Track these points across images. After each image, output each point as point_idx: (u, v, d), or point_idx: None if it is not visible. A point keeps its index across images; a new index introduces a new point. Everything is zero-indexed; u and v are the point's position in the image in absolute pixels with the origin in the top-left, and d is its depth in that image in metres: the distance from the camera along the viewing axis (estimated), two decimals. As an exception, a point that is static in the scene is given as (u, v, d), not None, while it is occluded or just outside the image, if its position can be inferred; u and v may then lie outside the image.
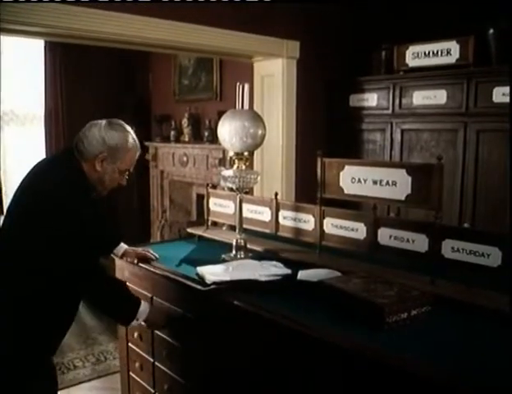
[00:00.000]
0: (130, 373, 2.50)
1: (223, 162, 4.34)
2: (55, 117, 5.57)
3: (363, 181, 1.92)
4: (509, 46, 2.79)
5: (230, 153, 2.23)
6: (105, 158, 1.82)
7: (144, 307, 1.92)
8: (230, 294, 1.84)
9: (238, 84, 2.20)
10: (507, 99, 2.71)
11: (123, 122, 1.95)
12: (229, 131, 2.16)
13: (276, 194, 2.31)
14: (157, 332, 2.20)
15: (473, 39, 2.82)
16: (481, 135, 2.83)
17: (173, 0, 2.81)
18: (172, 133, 4.98)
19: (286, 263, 2.09)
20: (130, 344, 2.48)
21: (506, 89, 2.71)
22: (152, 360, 2.30)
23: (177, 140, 4.98)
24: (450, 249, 1.72)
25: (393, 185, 1.83)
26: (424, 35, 3.05)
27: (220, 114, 4.60)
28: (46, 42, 5.34)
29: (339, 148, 3.42)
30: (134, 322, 1.92)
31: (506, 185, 2.77)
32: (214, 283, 1.91)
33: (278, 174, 3.22)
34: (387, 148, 3.17)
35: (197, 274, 2.02)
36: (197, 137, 4.81)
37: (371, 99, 3.26)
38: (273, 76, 3.22)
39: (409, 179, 1.78)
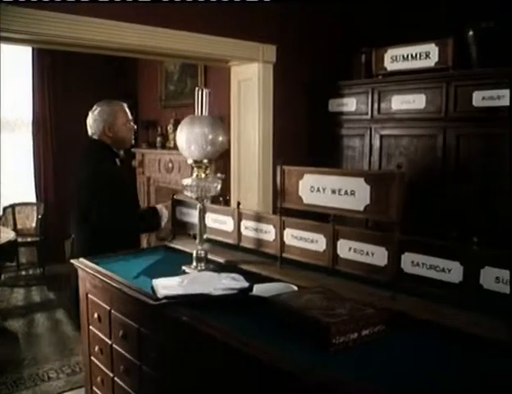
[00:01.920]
0: (94, 388, 2.41)
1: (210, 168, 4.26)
2: (43, 123, 5.54)
3: (321, 191, 1.82)
4: (497, 47, 2.70)
5: (189, 161, 2.13)
6: (109, 127, 2.61)
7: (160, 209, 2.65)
8: (180, 308, 1.74)
9: (197, 88, 2.12)
10: (487, 103, 2.61)
11: (103, 100, 2.72)
12: (187, 138, 2.07)
13: (239, 204, 2.22)
14: (116, 346, 2.13)
15: (452, 42, 2.72)
16: (461, 139, 2.71)
17: (145, 1, 2.74)
18: (158, 139, 4.91)
19: (247, 275, 2.00)
20: (92, 357, 2.40)
21: (486, 93, 2.60)
22: (111, 375, 2.22)
23: (163, 146, 4.91)
24: (410, 263, 1.61)
25: (352, 194, 1.72)
26: (405, 38, 2.95)
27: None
28: (33, 48, 5.31)
29: (319, 155, 3.34)
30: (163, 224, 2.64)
31: (489, 190, 2.66)
32: (165, 297, 1.82)
33: (255, 182, 3.12)
34: (366, 154, 3.07)
35: (151, 287, 1.94)
36: (182, 143, 4.71)
37: (350, 104, 3.15)
38: (250, 81, 3.13)
39: (368, 188, 1.68)
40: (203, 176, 2.14)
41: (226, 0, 2.87)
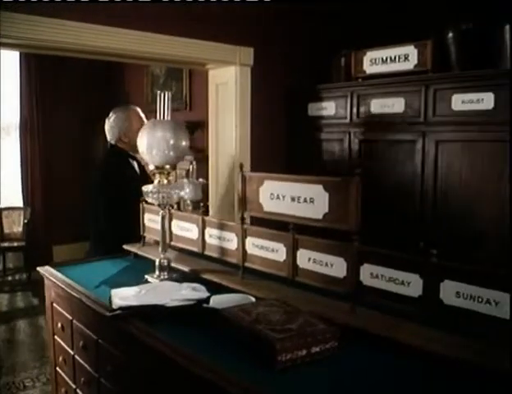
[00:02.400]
0: (60, 399, 2.35)
1: (191, 173, 4.18)
2: (30, 127, 5.49)
3: (281, 198, 1.74)
4: (478, 49, 2.61)
5: (151, 167, 2.06)
6: (124, 133, 2.76)
7: None
8: (132, 320, 1.68)
9: (159, 92, 2.05)
10: (467, 107, 2.52)
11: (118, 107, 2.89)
12: (148, 143, 2.00)
13: (204, 211, 2.14)
14: (78, 357, 2.06)
15: (431, 44, 2.63)
16: (440, 145, 2.62)
17: (117, 1, 2.68)
18: (144, 143, 4.83)
19: (209, 285, 1.93)
20: (57, 368, 2.35)
21: (466, 96, 2.52)
22: (74, 387, 2.16)
23: (148, 151, 4.83)
24: (369, 274, 1.53)
25: (310, 202, 1.65)
26: (386, 40, 2.86)
27: (188, 124, 4.49)
28: (20, 52, 5.27)
29: (298, 161, 3.26)
30: None
31: (467, 198, 2.57)
32: (120, 308, 1.76)
33: (232, 188, 3.04)
34: (345, 159, 2.98)
35: (109, 297, 1.87)
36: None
37: (329, 108, 3.07)
38: (227, 84, 3.06)
39: (327, 196, 1.60)
40: (165, 182, 2.08)
41: (201, 0, 2.80)
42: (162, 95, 2.05)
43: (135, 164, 2.88)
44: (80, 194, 5.94)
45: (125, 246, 2.57)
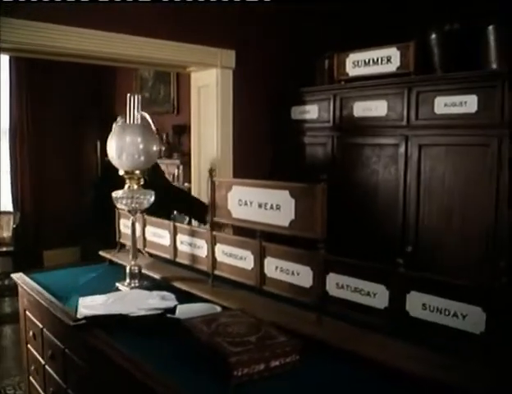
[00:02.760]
0: (33, 409, 2.30)
1: (177, 177, 4.13)
2: (20, 132, 5.45)
3: (249, 204, 1.68)
4: (461, 50, 2.56)
5: (120, 172, 2.01)
6: None
7: None
8: (95, 330, 1.63)
9: (129, 95, 2.00)
10: (450, 110, 2.46)
11: None
12: (117, 147, 1.95)
13: (174, 217, 2.08)
14: (48, 367, 2.01)
15: (413, 45, 2.58)
16: (423, 149, 2.56)
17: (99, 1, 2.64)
18: (132, 147, 4.78)
19: (179, 293, 1.88)
20: (30, 377, 2.30)
21: (448, 99, 2.46)
22: (45, 397, 2.11)
23: (137, 155, 4.78)
24: (335, 284, 1.47)
25: (277, 209, 1.59)
26: (370, 41, 2.80)
27: (175, 128, 4.46)
28: (10, 56, 5.24)
29: (281, 165, 3.20)
30: None
31: (450, 203, 2.51)
32: (84, 317, 1.71)
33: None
34: (328, 164, 2.92)
35: (76, 306, 1.82)
36: (156, 151, 4.61)
37: (312, 111, 3.01)
38: (208, 87, 3.01)
39: (293, 202, 1.54)
40: (135, 187, 2.03)
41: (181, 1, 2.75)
42: (132, 98, 2.00)
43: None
44: (70, 199, 5.90)
45: (100, 252, 2.52)
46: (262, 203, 1.63)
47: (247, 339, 1.34)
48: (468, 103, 2.41)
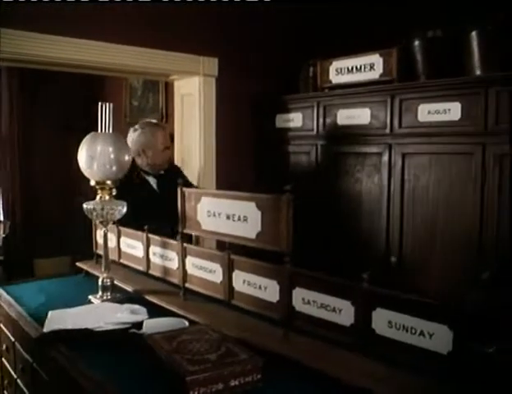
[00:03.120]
0: (4, 427, 2.25)
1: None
2: (10, 140, 5.43)
3: (217, 215, 1.63)
4: (445, 57, 2.52)
5: (92, 183, 1.97)
6: (143, 149, 2.63)
7: None
8: (60, 345, 1.58)
9: (100, 103, 1.97)
10: (433, 118, 2.41)
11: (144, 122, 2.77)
12: (88, 157, 1.91)
13: (147, 228, 2.04)
14: (19, 381, 1.97)
15: (396, 52, 2.53)
16: (406, 158, 2.51)
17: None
18: (122, 156, 4.76)
19: (150, 306, 1.83)
20: (4, 391, 2.25)
21: (432, 106, 2.41)
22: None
23: (127, 164, 4.75)
24: (301, 300, 1.42)
25: (244, 220, 1.54)
26: (356, 48, 2.76)
27: (163, 136, 4.41)
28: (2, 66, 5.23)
29: (267, 175, 3.15)
30: None
31: (435, 213, 2.46)
32: (51, 332, 1.66)
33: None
34: (312, 174, 2.87)
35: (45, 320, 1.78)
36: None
37: (296, 120, 2.96)
38: (191, 96, 2.97)
39: (259, 214, 1.50)
40: (107, 198, 1.98)
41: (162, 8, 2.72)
42: (104, 107, 1.97)
43: (151, 178, 2.73)
44: (61, 208, 5.86)
45: (77, 263, 2.48)
46: (230, 215, 1.58)
47: (207, 357, 1.29)
48: (452, 111, 2.36)
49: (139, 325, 1.67)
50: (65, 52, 2.63)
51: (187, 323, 1.63)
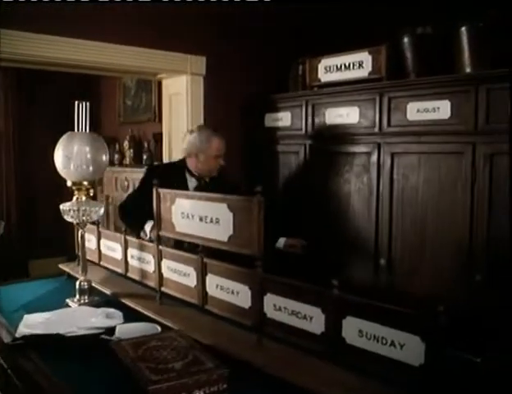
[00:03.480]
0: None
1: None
2: (5, 140, 5.41)
3: (191, 217, 1.59)
4: (435, 54, 2.45)
5: (68, 183, 1.92)
6: (196, 153, 2.57)
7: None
8: (30, 351, 1.55)
9: (77, 102, 1.92)
10: (422, 116, 2.35)
11: (204, 127, 2.72)
12: (63, 157, 1.87)
13: (125, 230, 1.99)
14: None
15: (385, 49, 2.47)
16: (395, 157, 2.45)
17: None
18: (116, 156, 4.73)
19: (126, 310, 1.78)
20: (-16, 398, 2.21)
21: (421, 105, 2.35)
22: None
23: (120, 164, 4.73)
24: (273, 306, 1.37)
25: (216, 222, 1.49)
26: (346, 46, 2.70)
27: (155, 136, 4.37)
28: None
29: (256, 175, 3.10)
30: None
31: (424, 213, 2.40)
32: (23, 337, 1.62)
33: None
34: (301, 174, 2.82)
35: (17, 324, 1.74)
36: (138, 160, 4.55)
37: (285, 119, 2.91)
38: (179, 95, 2.93)
39: (231, 216, 1.45)
40: (83, 199, 1.94)
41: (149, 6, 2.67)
42: (80, 105, 1.93)
43: (193, 181, 2.63)
44: (57, 208, 5.82)
45: (60, 265, 2.44)
46: (203, 217, 1.54)
47: (171, 365, 1.24)
48: (441, 109, 2.30)
49: (112, 330, 1.64)
50: (61, 52, 2.61)
51: (159, 329, 1.58)
